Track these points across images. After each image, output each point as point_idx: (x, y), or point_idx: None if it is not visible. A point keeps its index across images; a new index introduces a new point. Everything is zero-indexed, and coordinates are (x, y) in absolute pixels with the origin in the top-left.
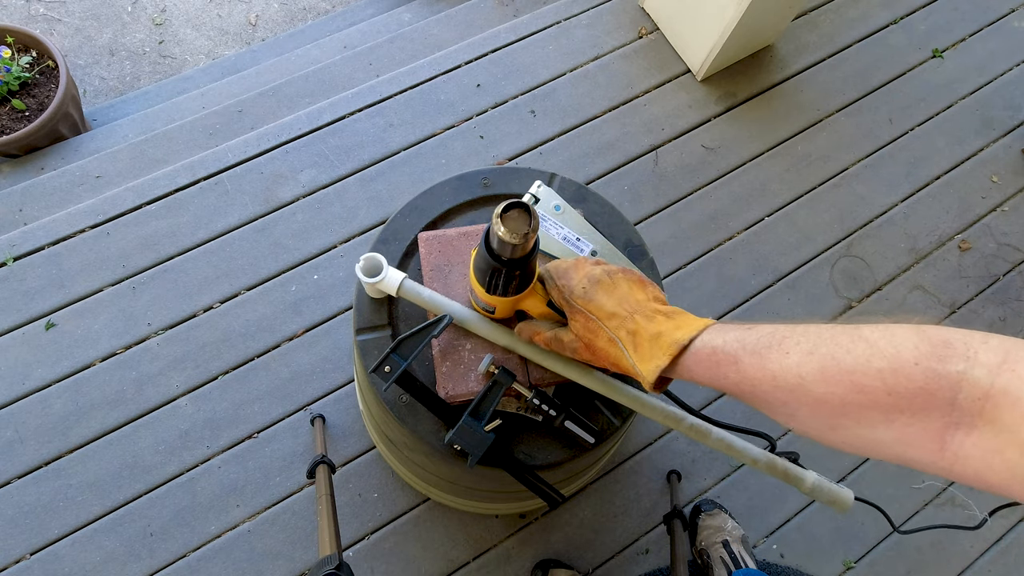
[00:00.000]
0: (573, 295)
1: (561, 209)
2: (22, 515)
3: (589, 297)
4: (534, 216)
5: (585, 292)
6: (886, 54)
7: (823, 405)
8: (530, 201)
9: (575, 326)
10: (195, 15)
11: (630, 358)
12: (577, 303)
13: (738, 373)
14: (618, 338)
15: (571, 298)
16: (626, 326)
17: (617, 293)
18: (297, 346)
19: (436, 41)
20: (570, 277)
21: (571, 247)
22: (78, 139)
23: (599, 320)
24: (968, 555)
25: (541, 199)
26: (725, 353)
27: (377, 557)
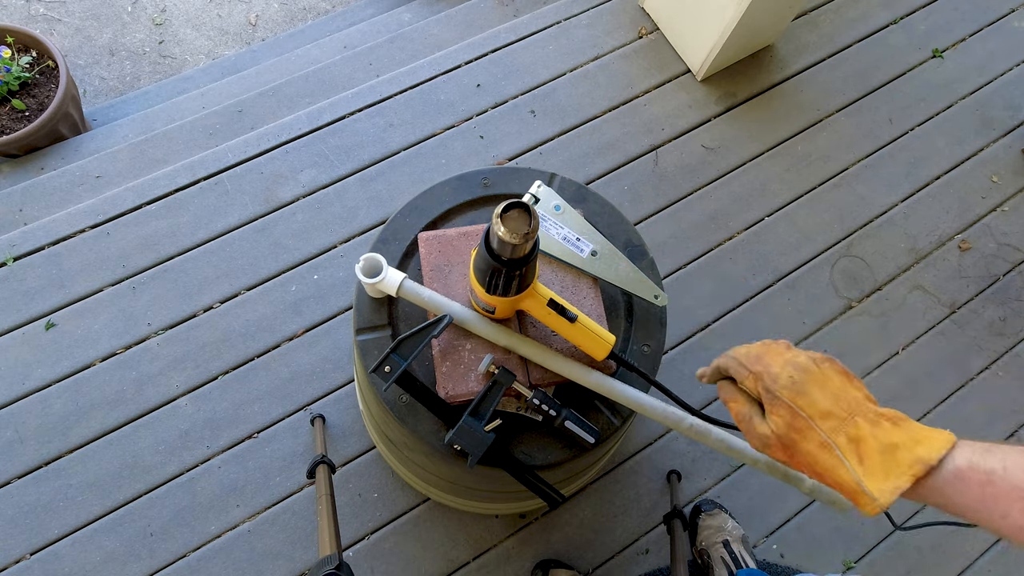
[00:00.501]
0: (778, 384)
1: (561, 209)
2: (22, 515)
3: (800, 390)
4: (534, 216)
5: (794, 383)
6: (886, 54)
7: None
8: (530, 201)
9: (777, 422)
10: (195, 15)
11: (854, 472)
12: (784, 395)
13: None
14: (835, 444)
15: (776, 388)
16: (846, 431)
17: (830, 387)
18: (297, 346)
19: (436, 41)
20: (769, 364)
21: (571, 247)
22: (78, 139)
23: (811, 419)
24: (968, 555)
25: (541, 199)
26: (1007, 483)
27: (377, 557)
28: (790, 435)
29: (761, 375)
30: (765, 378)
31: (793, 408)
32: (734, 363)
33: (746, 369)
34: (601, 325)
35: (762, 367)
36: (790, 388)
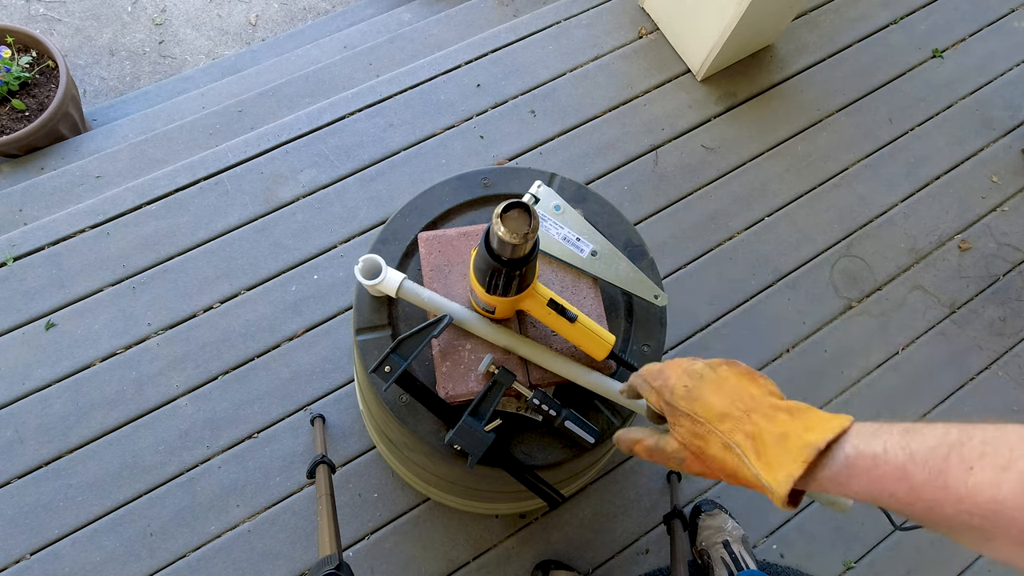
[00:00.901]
0: (674, 395)
1: (561, 209)
2: (22, 515)
3: (694, 396)
4: (534, 216)
5: (688, 391)
6: (886, 54)
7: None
8: (530, 201)
9: (680, 432)
10: (195, 15)
11: (752, 467)
12: (680, 405)
13: (910, 492)
14: (734, 443)
15: (672, 399)
16: (742, 428)
17: (726, 388)
18: (297, 346)
19: (436, 41)
20: (667, 376)
21: (571, 247)
22: (78, 139)
23: (708, 423)
24: (968, 555)
25: (541, 199)
26: (889, 465)
27: (377, 557)
28: (695, 443)
29: (661, 389)
30: (664, 391)
31: (691, 415)
32: (639, 380)
33: (648, 385)
34: (601, 325)
35: (661, 380)
36: (686, 396)
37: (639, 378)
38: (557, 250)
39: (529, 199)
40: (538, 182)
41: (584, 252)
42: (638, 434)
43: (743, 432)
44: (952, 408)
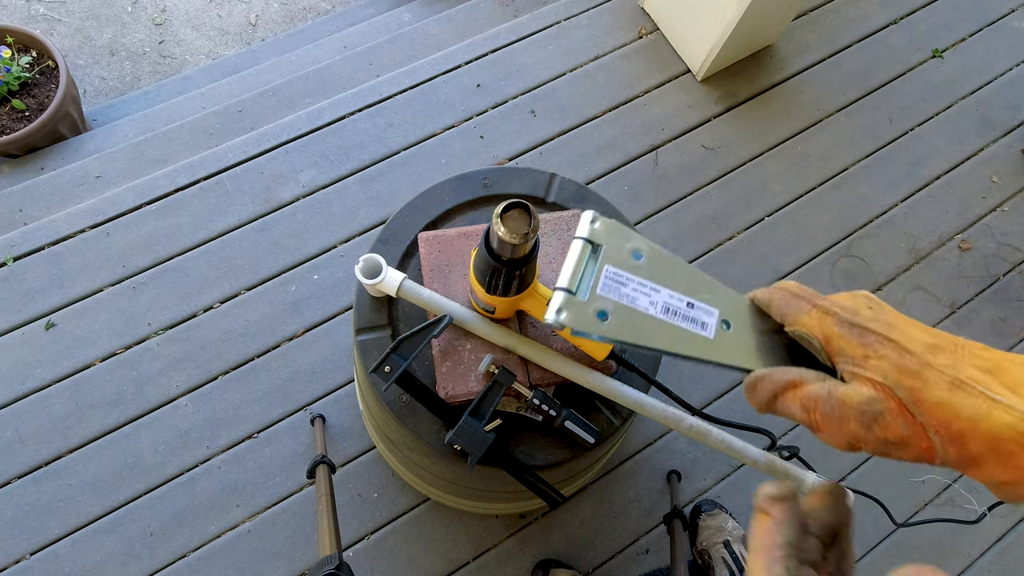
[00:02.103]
0: (861, 316)
1: (644, 257)
2: (22, 515)
3: (888, 321)
4: (534, 216)
5: (877, 315)
6: (886, 54)
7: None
8: (583, 248)
9: (880, 367)
10: (195, 15)
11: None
12: (875, 327)
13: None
14: (970, 380)
15: (860, 320)
16: (969, 361)
17: (913, 320)
18: (297, 346)
19: (436, 41)
20: (833, 298)
21: (684, 324)
22: (78, 139)
23: (918, 355)
24: (968, 554)
25: (605, 244)
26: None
27: (377, 557)
28: (906, 383)
29: (828, 309)
30: (839, 310)
31: (896, 341)
32: (784, 296)
33: (806, 302)
34: None
35: (827, 301)
36: (878, 321)
37: (783, 293)
38: (661, 339)
39: (581, 247)
40: (591, 213)
41: (710, 326)
42: (790, 374)
43: (974, 365)
44: None
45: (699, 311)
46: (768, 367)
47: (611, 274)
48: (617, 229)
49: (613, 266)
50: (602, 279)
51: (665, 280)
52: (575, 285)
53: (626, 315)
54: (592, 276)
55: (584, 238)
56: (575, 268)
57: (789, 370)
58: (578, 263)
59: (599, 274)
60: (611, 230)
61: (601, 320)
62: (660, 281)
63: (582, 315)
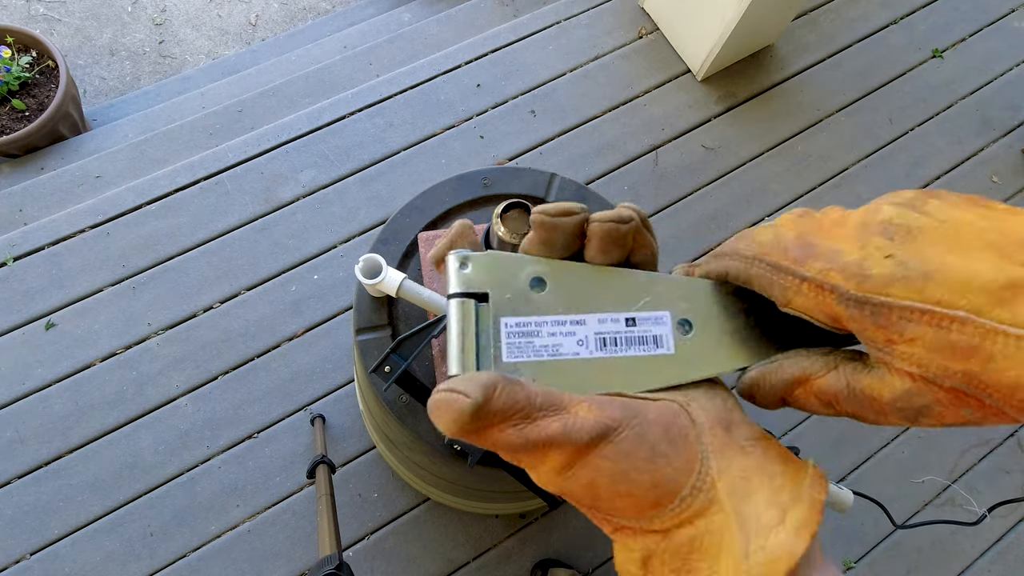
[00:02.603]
0: (873, 280)
1: (547, 282)
2: (22, 515)
3: (920, 268)
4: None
5: (903, 263)
6: (886, 54)
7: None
8: (463, 308)
9: (915, 355)
10: (195, 15)
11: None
12: (896, 294)
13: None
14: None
15: (870, 288)
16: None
17: (963, 231)
18: (297, 346)
19: (436, 41)
20: (831, 249)
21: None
22: (78, 139)
23: (975, 314)
24: (968, 555)
25: (489, 290)
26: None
27: (377, 557)
28: (954, 367)
29: (823, 281)
30: (839, 280)
31: (931, 310)
32: (760, 271)
33: (792, 276)
34: None
35: (824, 260)
36: (903, 275)
37: (759, 265)
38: (603, 381)
39: (458, 308)
40: (455, 256)
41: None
42: (791, 369)
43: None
44: None
45: (645, 324)
46: (760, 360)
47: (512, 328)
48: (496, 262)
49: (511, 315)
50: (503, 340)
51: (586, 302)
52: (471, 365)
53: (553, 373)
54: (490, 340)
55: (459, 294)
56: (461, 342)
57: (788, 362)
58: (463, 333)
59: (497, 334)
60: (490, 267)
61: None
62: (580, 307)
63: None
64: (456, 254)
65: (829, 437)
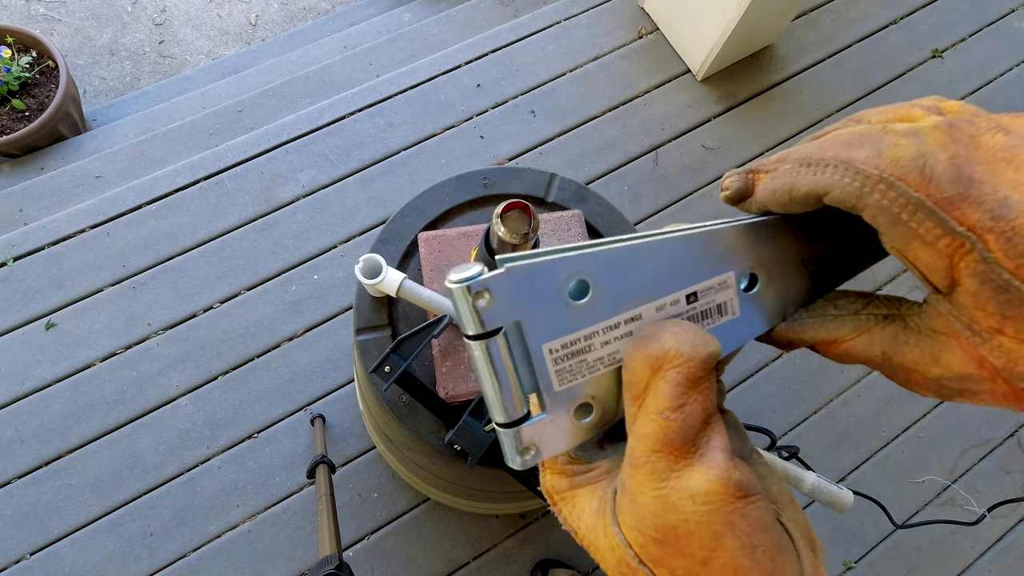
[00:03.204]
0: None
1: (591, 281)
2: (22, 515)
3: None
4: (534, 216)
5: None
6: (886, 54)
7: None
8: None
9: (1013, 352)
10: (195, 15)
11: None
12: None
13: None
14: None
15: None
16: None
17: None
18: (297, 346)
19: (436, 41)
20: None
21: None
22: (78, 139)
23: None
24: (968, 555)
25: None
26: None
27: (377, 557)
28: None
29: (984, 235)
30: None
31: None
32: (881, 195)
33: (930, 218)
34: None
35: (984, 211)
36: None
37: (848, 173)
38: None
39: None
40: (461, 287)
41: (729, 303)
42: (826, 328)
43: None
44: (951, 408)
45: (708, 295)
46: (796, 306)
47: (558, 352)
48: (524, 279)
49: (553, 339)
50: (551, 369)
51: (639, 290)
52: (518, 407)
53: (616, 383)
54: (530, 373)
55: (481, 335)
56: (499, 386)
57: (813, 323)
58: (499, 376)
59: (541, 363)
60: (517, 288)
61: (586, 418)
62: (634, 298)
63: (559, 434)
64: (465, 284)
65: (829, 437)
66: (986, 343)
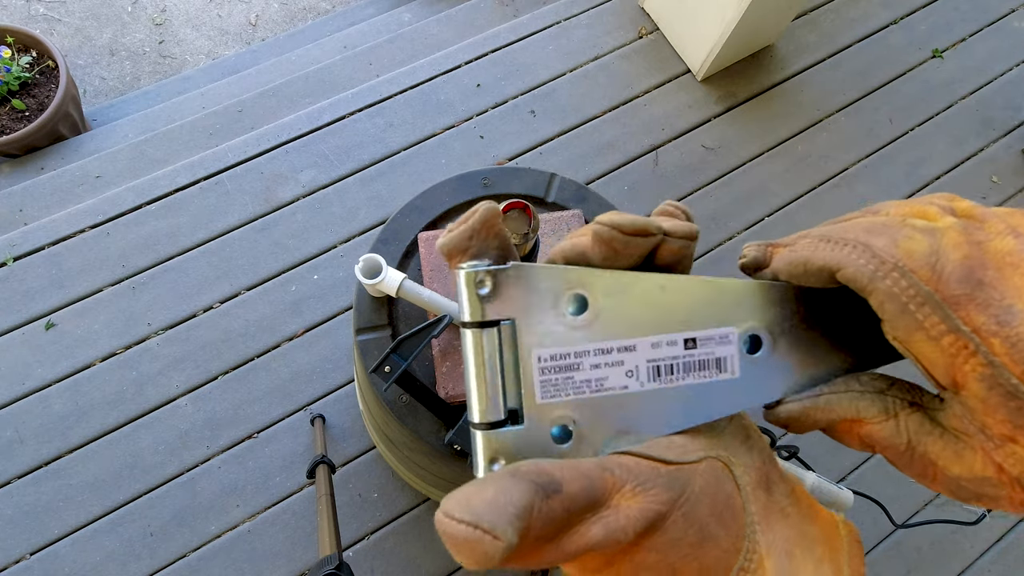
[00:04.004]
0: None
1: (592, 299)
2: (22, 515)
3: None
4: (534, 216)
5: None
6: (886, 54)
7: None
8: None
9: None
10: (195, 15)
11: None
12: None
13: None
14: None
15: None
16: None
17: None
18: (297, 346)
19: (436, 41)
20: (986, 289)
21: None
22: (78, 139)
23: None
24: (968, 555)
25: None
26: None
27: (377, 557)
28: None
29: (988, 339)
30: (1003, 351)
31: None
32: (892, 283)
33: (936, 312)
34: None
35: (991, 316)
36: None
37: (864, 256)
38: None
39: (474, 341)
40: (466, 274)
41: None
42: (855, 406)
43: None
44: None
45: (707, 345)
46: (808, 382)
47: (547, 363)
48: (526, 280)
49: (545, 347)
50: (536, 378)
51: (636, 321)
52: (499, 409)
53: (596, 413)
54: (515, 378)
55: (477, 323)
56: (483, 385)
57: (839, 399)
58: (485, 373)
59: (528, 371)
60: (518, 286)
61: (563, 444)
62: (630, 328)
63: (530, 451)
64: (472, 268)
65: (829, 437)
66: (999, 449)
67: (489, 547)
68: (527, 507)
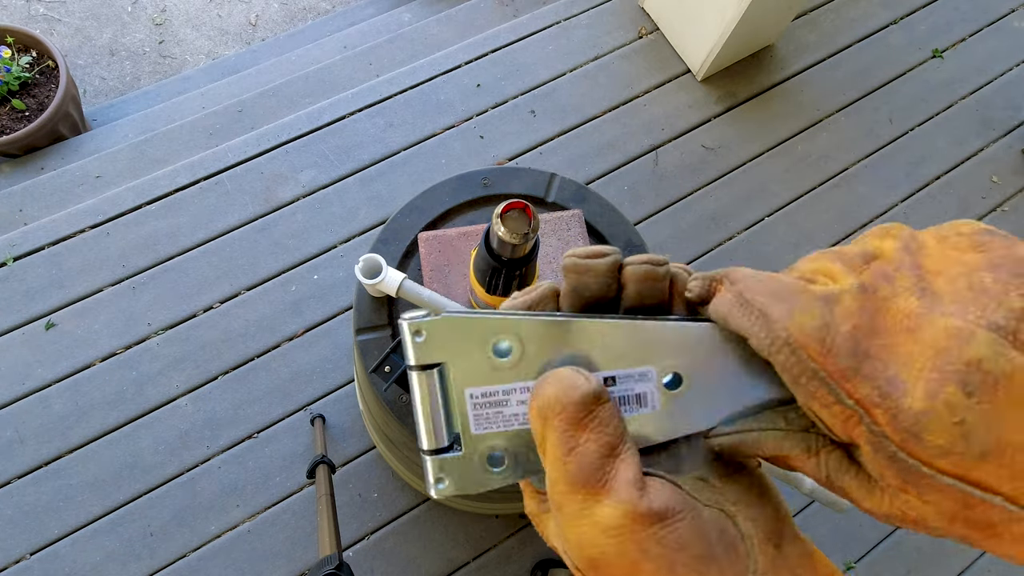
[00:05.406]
0: (920, 441)
1: (514, 347)
2: (22, 515)
3: (982, 447)
4: (534, 216)
5: (966, 435)
6: (886, 54)
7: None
8: (424, 381)
9: (924, 512)
10: (195, 15)
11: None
12: (942, 467)
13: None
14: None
15: (928, 450)
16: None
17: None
18: (297, 346)
19: (436, 41)
20: (871, 361)
21: None
22: (78, 139)
23: (1009, 503)
24: (968, 555)
25: (447, 360)
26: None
27: (377, 557)
28: (957, 531)
29: (872, 410)
30: (885, 421)
31: (968, 493)
32: (785, 356)
33: (824, 386)
34: None
35: (874, 387)
36: (959, 454)
37: (787, 352)
38: None
39: (419, 381)
40: (408, 324)
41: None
42: (779, 445)
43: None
44: None
45: (626, 383)
46: (736, 414)
47: (478, 399)
48: (455, 330)
49: (475, 385)
50: (470, 412)
51: (562, 360)
52: (443, 437)
53: (528, 443)
54: (455, 412)
55: (417, 366)
56: (430, 416)
57: (765, 438)
58: (430, 406)
59: (463, 406)
60: (448, 336)
61: (496, 468)
62: (556, 368)
63: (470, 474)
64: (410, 321)
65: None
66: (895, 498)
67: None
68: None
